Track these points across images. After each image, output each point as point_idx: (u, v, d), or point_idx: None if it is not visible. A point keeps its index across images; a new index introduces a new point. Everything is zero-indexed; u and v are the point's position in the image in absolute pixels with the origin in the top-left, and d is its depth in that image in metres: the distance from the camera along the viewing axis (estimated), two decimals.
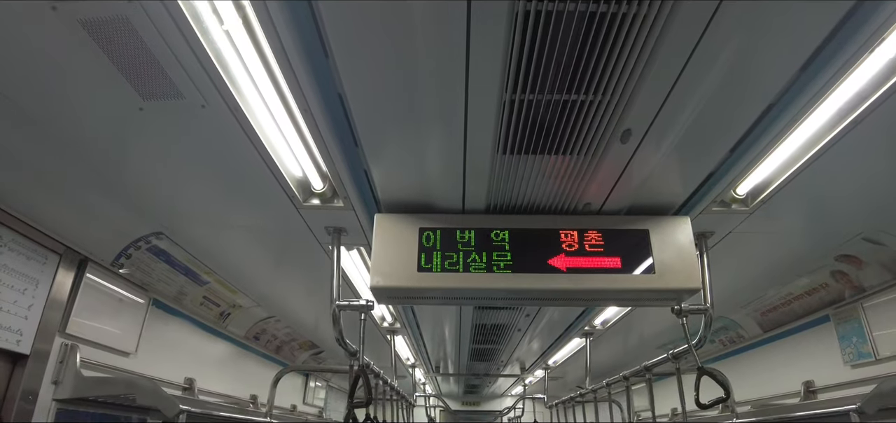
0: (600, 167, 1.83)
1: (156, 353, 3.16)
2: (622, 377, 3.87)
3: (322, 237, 2.54)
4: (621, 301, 2.23)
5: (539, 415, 8.08)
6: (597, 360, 4.85)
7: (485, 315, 4.16)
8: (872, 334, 3.07)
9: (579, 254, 1.95)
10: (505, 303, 2.52)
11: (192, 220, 2.62)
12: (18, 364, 2.36)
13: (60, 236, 2.45)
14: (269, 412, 3.86)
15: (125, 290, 2.93)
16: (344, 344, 2.45)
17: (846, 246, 2.87)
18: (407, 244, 1.97)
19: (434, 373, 7.50)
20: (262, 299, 3.94)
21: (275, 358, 4.93)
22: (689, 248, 2.02)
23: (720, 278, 2.48)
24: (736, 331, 4.36)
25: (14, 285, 2.29)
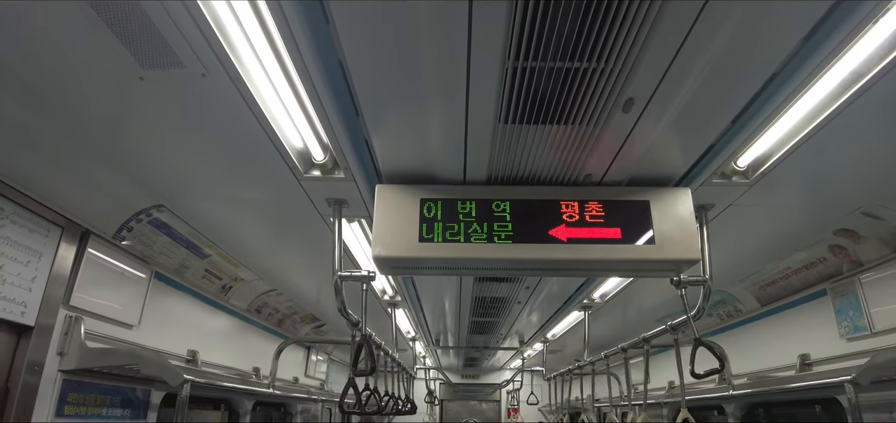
0: (602, 138, 1.83)
1: (159, 326, 3.18)
2: (620, 349, 3.91)
3: (323, 209, 2.55)
4: (621, 272, 2.25)
5: (537, 388, 8.20)
6: (595, 334, 4.91)
7: (484, 288, 4.19)
8: (869, 308, 3.10)
9: (580, 225, 1.96)
10: (506, 273, 2.54)
11: (193, 192, 2.62)
12: (24, 336, 2.39)
13: (62, 208, 2.46)
14: (272, 383, 3.92)
15: (127, 263, 2.94)
16: (346, 315, 2.47)
17: (845, 220, 2.88)
18: (408, 215, 1.98)
19: (434, 346, 7.58)
20: (263, 273, 3.96)
21: (277, 331, 4.98)
22: (690, 219, 2.03)
23: (719, 252, 2.50)
24: (734, 305, 4.39)
25: (17, 257, 2.30)
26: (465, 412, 11.65)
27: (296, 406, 5.96)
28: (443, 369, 10.57)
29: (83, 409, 2.68)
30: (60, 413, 2.52)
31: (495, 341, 7.14)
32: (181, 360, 3.46)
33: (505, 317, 5.40)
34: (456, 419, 11.55)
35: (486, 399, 11.69)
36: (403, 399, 6.00)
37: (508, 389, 10.84)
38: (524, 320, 5.69)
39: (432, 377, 10.07)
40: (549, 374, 6.97)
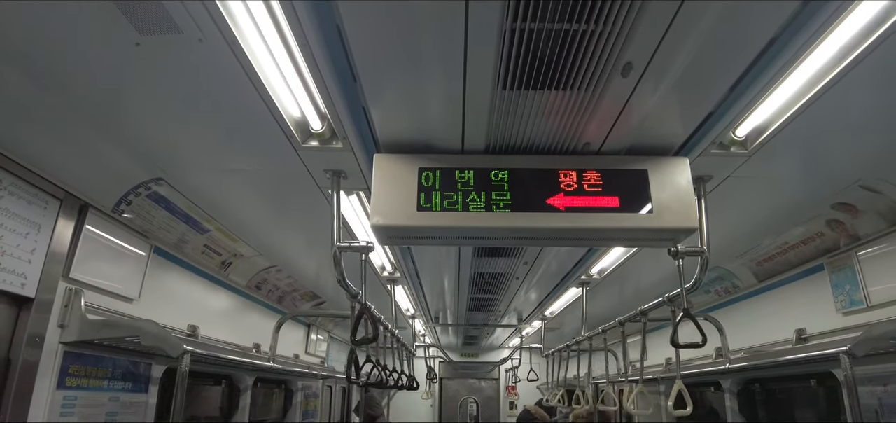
0: (600, 104, 1.83)
1: (159, 300, 3.20)
2: (618, 323, 3.93)
3: (321, 181, 2.55)
4: (619, 241, 2.26)
5: (536, 366, 8.27)
6: (593, 312, 4.94)
7: (483, 263, 4.21)
8: (865, 282, 3.11)
9: (578, 193, 1.97)
10: (504, 243, 2.55)
11: (191, 164, 2.62)
12: (24, 308, 2.40)
13: (60, 180, 2.46)
14: (272, 357, 3.95)
15: (126, 237, 2.94)
16: (346, 286, 2.48)
17: (843, 194, 2.88)
18: (406, 184, 1.97)
19: (433, 324, 7.63)
20: (262, 248, 3.97)
21: (277, 308, 5.01)
22: (688, 189, 2.04)
23: (717, 227, 2.51)
24: (731, 281, 4.42)
25: (16, 229, 2.30)
26: (464, 389, 11.78)
27: (296, 383, 6.02)
28: (442, 347, 10.66)
29: (85, 381, 2.70)
30: (62, 386, 2.54)
31: (494, 318, 7.19)
32: (182, 334, 3.48)
33: (503, 294, 5.43)
34: (455, 396, 11.68)
35: (485, 377, 11.81)
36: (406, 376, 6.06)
37: (507, 367, 10.96)
38: (522, 298, 5.73)
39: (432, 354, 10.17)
40: (547, 351, 7.03)
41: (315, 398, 6.72)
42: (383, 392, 9.53)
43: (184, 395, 2.43)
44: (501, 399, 11.38)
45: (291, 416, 5.99)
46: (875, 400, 3.05)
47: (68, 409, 2.58)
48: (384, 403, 9.15)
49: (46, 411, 2.44)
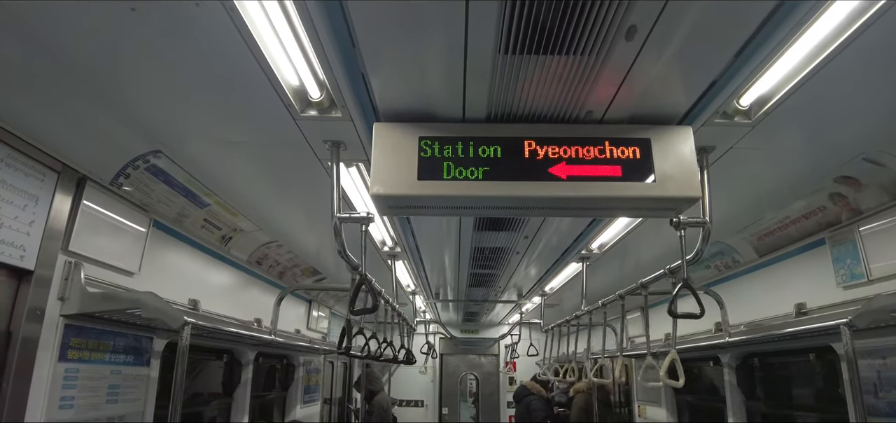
0: (603, 70, 1.80)
1: (159, 274, 3.19)
2: (617, 296, 3.94)
3: (321, 152, 2.52)
4: (621, 210, 2.24)
5: (536, 342, 8.34)
6: (593, 288, 4.95)
7: (484, 238, 4.21)
8: (866, 256, 3.11)
9: (580, 162, 1.95)
10: (505, 213, 2.54)
11: (189, 136, 2.59)
12: (24, 280, 2.39)
13: (57, 152, 2.43)
14: (273, 331, 3.97)
15: (126, 210, 2.92)
16: (346, 257, 2.48)
17: (846, 167, 2.86)
18: (406, 154, 1.95)
19: (434, 300, 7.66)
20: (263, 223, 3.96)
21: (278, 284, 5.01)
22: (690, 158, 2.02)
23: (719, 201, 2.50)
24: (731, 256, 4.41)
25: (14, 201, 2.28)
26: (464, 365, 11.89)
27: (298, 358, 6.07)
28: (442, 323, 10.74)
29: (86, 354, 2.71)
30: (64, 358, 2.55)
31: (494, 294, 7.22)
32: (182, 308, 3.49)
33: (503, 269, 5.44)
34: (455, 372, 11.80)
35: (484, 353, 11.91)
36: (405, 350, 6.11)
37: (506, 343, 11.06)
38: (522, 273, 5.74)
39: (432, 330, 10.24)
40: (546, 326, 7.07)
41: (317, 373, 6.79)
42: (384, 368, 9.63)
43: (184, 368, 2.43)
44: (501, 375, 11.49)
45: (293, 391, 6.05)
46: (874, 373, 3.07)
47: (70, 381, 2.59)
48: (385, 379, 9.24)
49: (48, 383, 2.44)
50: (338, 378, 8.26)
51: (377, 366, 9.22)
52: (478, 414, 11.66)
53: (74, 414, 2.61)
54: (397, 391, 10.60)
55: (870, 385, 3.07)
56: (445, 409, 11.43)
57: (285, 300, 4.44)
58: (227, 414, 4.74)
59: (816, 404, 4.06)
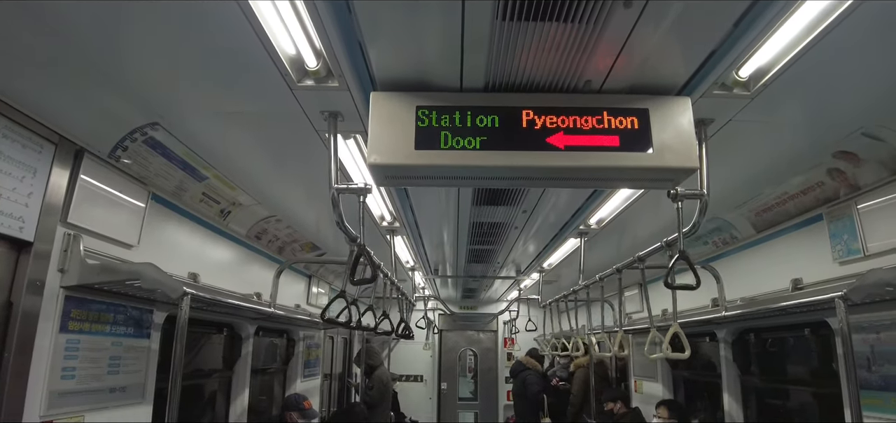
0: (602, 38, 1.79)
1: (158, 248, 3.19)
2: (615, 270, 3.96)
3: (318, 124, 2.51)
4: (619, 181, 2.24)
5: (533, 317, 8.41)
6: (591, 264, 4.96)
7: (482, 212, 4.21)
8: (863, 231, 3.11)
9: (578, 132, 1.94)
10: (503, 183, 2.54)
11: (186, 108, 2.59)
12: (23, 252, 2.40)
13: (53, 124, 2.42)
14: (273, 304, 3.99)
15: (124, 183, 2.92)
16: (344, 228, 2.48)
17: (845, 142, 2.85)
18: (404, 123, 1.95)
19: (433, 276, 7.70)
20: (261, 197, 3.96)
21: (277, 258, 5.03)
22: (689, 129, 2.01)
23: (717, 176, 2.49)
24: (729, 232, 4.43)
25: (12, 172, 2.28)
26: (463, 341, 12.00)
27: (298, 333, 6.12)
28: (441, 299, 10.81)
29: (87, 325, 2.73)
30: (65, 329, 2.57)
31: (493, 270, 7.26)
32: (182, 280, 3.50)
33: (502, 244, 5.46)
34: (454, 348, 11.91)
35: (483, 329, 12.02)
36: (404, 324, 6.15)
37: (505, 319, 11.16)
38: (520, 249, 5.76)
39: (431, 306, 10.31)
40: (544, 302, 7.12)
41: (317, 348, 6.84)
42: (384, 344, 9.73)
43: (184, 339, 2.45)
44: (499, 351, 11.60)
45: (294, 365, 6.11)
46: (867, 348, 3.10)
47: (72, 352, 2.61)
48: (385, 354, 9.34)
49: (50, 354, 2.47)
50: (338, 354, 8.34)
51: (377, 342, 9.31)
52: (476, 389, 11.79)
53: (76, 384, 2.64)
54: (397, 367, 10.71)
55: (863, 359, 3.10)
56: (444, 384, 11.56)
57: (285, 276, 4.47)
58: (228, 388, 4.80)
59: (810, 379, 4.12)
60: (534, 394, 7.51)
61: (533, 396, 7.51)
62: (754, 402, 4.74)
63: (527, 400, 7.61)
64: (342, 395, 8.41)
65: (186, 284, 2.52)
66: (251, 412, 5.00)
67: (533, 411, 7.51)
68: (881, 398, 2.99)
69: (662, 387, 6.12)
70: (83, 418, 2.67)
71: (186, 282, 3.02)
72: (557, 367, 8.15)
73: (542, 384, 7.69)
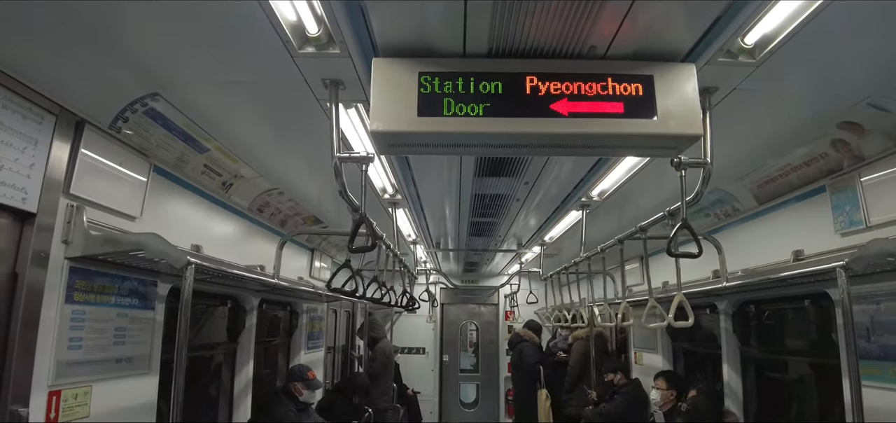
0: (607, 2, 1.76)
1: (161, 220, 3.19)
2: (617, 241, 3.97)
3: (320, 93, 2.49)
4: (622, 148, 2.22)
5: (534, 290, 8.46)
6: (592, 238, 4.97)
7: (484, 184, 4.21)
8: (866, 202, 3.11)
9: (582, 98, 1.92)
10: (506, 151, 2.52)
11: (186, 77, 2.57)
12: (27, 223, 2.41)
13: (53, 95, 2.40)
14: (276, 275, 4.02)
15: (125, 155, 2.91)
16: (347, 198, 2.48)
17: (850, 112, 2.83)
18: (406, 90, 1.93)
19: (434, 249, 7.73)
20: (263, 170, 3.96)
21: (279, 231, 5.04)
22: (693, 96, 2.00)
23: (721, 148, 2.48)
24: (731, 204, 4.42)
25: (13, 143, 2.27)
26: (464, 314, 12.11)
27: (301, 305, 6.16)
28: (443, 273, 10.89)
29: (92, 296, 2.75)
30: (70, 300, 2.59)
31: (494, 243, 7.28)
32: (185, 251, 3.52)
33: (503, 217, 5.46)
34: (456, 321, 12.02)
35: (484, 303, 12.11)
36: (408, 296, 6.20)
37: (506, 292, 11.24)
38: (522, 222, 5.77)
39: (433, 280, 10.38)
40: (545, 274, 7.16)
41: (320, 320, 6.91)
42: (387, 317, 9.82)
43: (189, 310, 2.46)
44: (500, 324, 11.70)
45: (297, 337, 6.17)
46: (867, 318, 3.12)
47: (77, 323, 2.64)
48: (387, 327, 9.43)
49: (56, 324, 2.49)
50: (341, 327, 8.43)
51: (379, 315, 9.39)
52: (478, 362, 11.94)
53: (83, 354, 2.67)
54: (399, 339, 10.81)
55: (862, 330, 3.12)
56: (446, 356, 11.70)
57: (288, 250, 4.48)
58: (233, 360, 4.86)
59: (809, 349, 4.15)
60: (530, 365, 7.59)
61: (529, 367, 7.60)
62: (753, 373, 4.78)
63: (523, 371, 7.70)
64: (346, 367, 8.51)
65: (190, 254, 2.53)
66: (256, 382, 5.06)
67: (530, 382, 7.60)
68: (879, 368, 3.02)
69: (662, 359, 6.17)
70: (91, 387, 2.71)
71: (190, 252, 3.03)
72: (559, 339, 8.22)
73: (539, 356, 7.77)
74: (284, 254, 4.36)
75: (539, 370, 7.48)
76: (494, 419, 11.42)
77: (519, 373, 7.93)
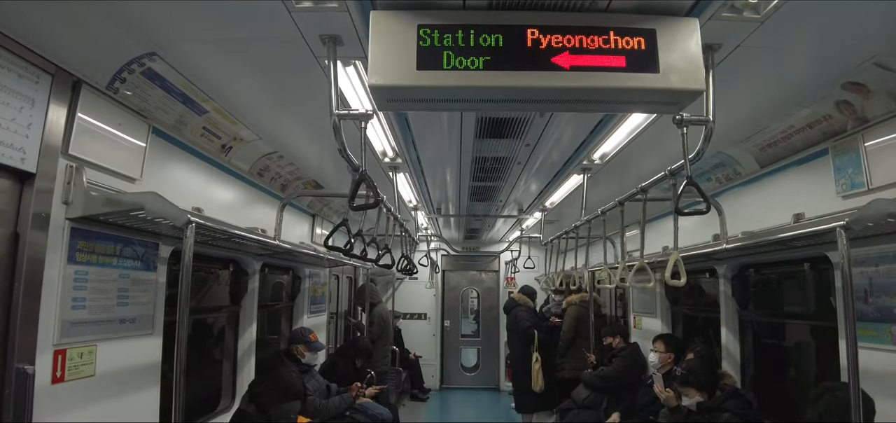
0: None
1: (161, 183, 3.17)
2: (617, 203, 3.96)
3: (318, 50, 2.46)
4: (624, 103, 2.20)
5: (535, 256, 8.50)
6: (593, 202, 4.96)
7: (485, 146, 4.19)
8: (868, 164, 3.09)
9: (583, 52, 1.89)
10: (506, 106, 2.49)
11: (184, 35, 2.53)
12: (27, 184, 2.41)
13: (48, 53, 2.37)
14: (277, 238, 4.03)
15: (123, 116, 2.89)
16: (346, 157, 2.47)
17: (855, 72, 2.79)
18: (405, 43, 1.89)
19: (435, 215, 7.75)
20: (262, 132, 3.94)
21: (280, 196, 5.05)
22: (696, 51, 1.97)
23: (723, 111, 2.45)
24: (733, 168, 4.41)
25: (9, 102, 2.26)
26: (465, 281, 12.22)
27: (303, 270, 6.21)
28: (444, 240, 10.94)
29: (94, 257, 2.76)
30: (72, 261, 2.61)
31: (495, 209, 7.29)
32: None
33: (504, 181, 5.46)
34: (457, 287, 12.14)
35: (485, 269, 12.21)
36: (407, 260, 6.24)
37: (507, 259, 11.32)
38: (523, 187, 5.76)
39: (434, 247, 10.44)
40: (546, 240, 7.19)
41: (323, 285, 6.97)
42: (389, 284, 9.92)
43: (190, 269, 2.46)
44: (500, 290, 11.81)
45: (300, 301, 6.23)
46: (865, 280, 3.13)
47: (80, 283, 2.65)
48: (389, 293, 9.53)
49: (60, 284, 2.52)
50: (343, 294, 8.52)
51: (381, 282, 9.48)
52: (479, 328, 12.10)
53: (87, 314, 2.69)
54: (401, 305, 10.95)
55: (860, 292, 3.13)
56: (447, 322, 11.85)
57: (289, 216, 4.48)
58: (236, 322, 4.92)
59: (807, 312, 4.18)
60: (524, 329, 7.71)
61: (523, 331, 7.71)
62: (751, 336, 4.83)
63: (518, 335, 7.84)
64: (348, 333, 8.64)
65: (191, 213, 2.53)
66: (259, 346, 5.14)
67: (524, 345, 7.73)
68: (875, 329, 3.04)
69: (661, 323, 6.23)
70: (96, 346, 2.74)
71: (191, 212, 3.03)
72: (552, 304, 8.29)
73: (533, 320, 7.87)
74: (285, 220, 4.38)
75: (534, 333, 7.58)
76: (495, 382, 11.65)
77: (513, 337, 8.06)
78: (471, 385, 11.70)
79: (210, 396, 4.67)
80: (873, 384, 2.77)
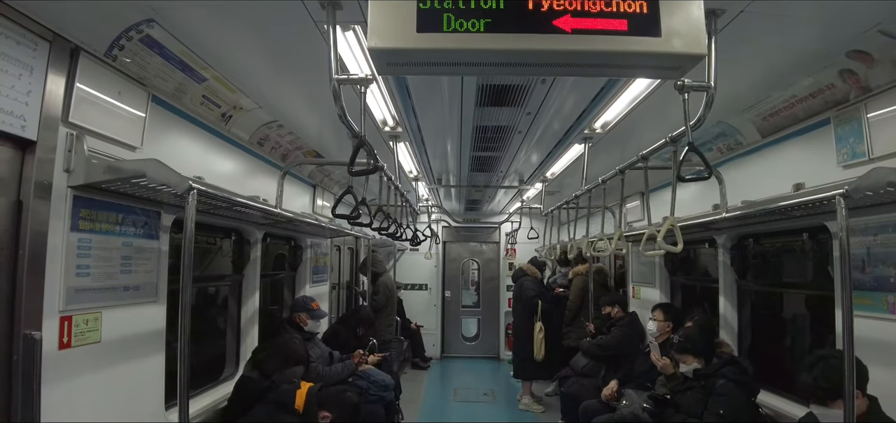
0: None
1: (161, 152, 3.16)
2: (618, 171, 3.97)
3: (317, 15, 2.44)
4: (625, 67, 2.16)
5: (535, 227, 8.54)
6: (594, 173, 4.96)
7: (486, 114, 4.18)
8: (870, 134, 3.07)
9: (585, 15, 1.87)
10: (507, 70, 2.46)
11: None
12: (28, 151, 2.41)
13: (45, 20, 2.35)
14: (279, 205, 4.05)
15: (123, 83, 2.87)
16: (347, 122, 2.47)
17: (860, 40, 2.76)
18: (405, 5, 1.86)
19: (436, 186, 7.76)
20: (262, 101, 3.92)
21: (280, 166, 5.05)
22: (698, 15, 1.94)
23: (725, 79, 2.42)
24: (734, 138, 4.39)
25: (8, 69, 2.25)
26: (466, 252, 12.29)
27: (305, 240, 6.24)
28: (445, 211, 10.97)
29: (97, 225, 2.78)
30: (76, 228, 2.63)
31: (496, 179, 7.30)
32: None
33: (505, 151, 5.44)
34: (457, 258, 12.22)
35: (485, 240, 12.28)
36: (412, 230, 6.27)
37: (507, 230, 11.38)
38: (524, 158, 5.75)
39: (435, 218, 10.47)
40: (546, 210, 7.21)
41: (325, 255, 7.02)
42: (389, 255, 9.97)
43: (192, 236, 2.47)
44: (501, 261, 11.89)
45: (302, 271, 6.28)
46: (863, 250, 3.15)
47: (84, 250, 2.68)
48: (390, 264, 9.58)
49: (64, 252, 2.54)
50: (345, 264, 8.57)
51: (383, 252, 9.53)
52: (479, 298, 12.23)
53: (92, 281, 2.72)
54: (402, 276, 11.04)
55: (858, 261, 3.15)
56: (448, 292, 11.97)
57: (290, 187, 4.48)
58: (239, 291, 4.96)
59: (805, 282, 4.22)
60: (528, 298, 7.89)
61: (527, 300, 7.90)
62: (749, 306, 4.88)
63: (522, 304, 8.02)
64: (350, 303, 8.72)
65: (192, 180, 2.54)
66: (262, 314, 5.19)
67: (527, 314, 7.91)
68: (871, 298, 3.07)
69: (660, 292, 6.28)
70: (101, 313, 2.78)
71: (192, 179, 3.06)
72: (558, 275, 8.43)
73: (537, 289, 8.03)
74: (286, 191, 4.38)
75: (537, 303, 7.75)
76: (495, 351, 11.82)
77: (518, 305, 8.24)
78: (471, 354, 11.88)
79: (214, 363, 4.74)
80: (867, 351, 2.81)
